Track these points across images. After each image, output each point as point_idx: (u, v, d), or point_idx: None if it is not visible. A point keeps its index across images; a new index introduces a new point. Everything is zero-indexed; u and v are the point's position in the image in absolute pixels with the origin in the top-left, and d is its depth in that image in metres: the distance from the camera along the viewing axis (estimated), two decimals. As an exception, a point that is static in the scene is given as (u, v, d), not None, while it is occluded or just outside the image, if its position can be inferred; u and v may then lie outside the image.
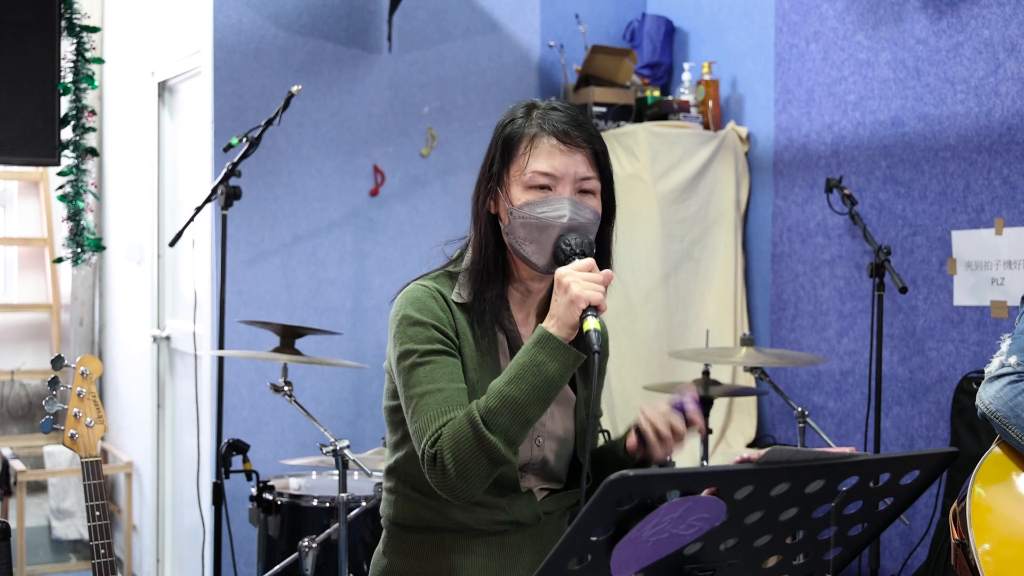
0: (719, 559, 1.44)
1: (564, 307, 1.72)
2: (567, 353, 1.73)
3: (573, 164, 1.82)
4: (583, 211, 1.82)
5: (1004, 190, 3.54)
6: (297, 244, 4.20)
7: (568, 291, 1.71)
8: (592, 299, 1.71)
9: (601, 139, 1.89)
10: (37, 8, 3.24)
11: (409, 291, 1.87)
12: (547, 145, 1.83)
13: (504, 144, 1.87)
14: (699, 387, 3.57)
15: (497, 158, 1.87)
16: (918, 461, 1.53)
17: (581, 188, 1.84)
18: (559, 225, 1.80)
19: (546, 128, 1.83)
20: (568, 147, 1.82)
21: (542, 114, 1.86)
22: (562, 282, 1.73)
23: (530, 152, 1.83)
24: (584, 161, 1.84)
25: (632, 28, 4.83)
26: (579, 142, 1.83)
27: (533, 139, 1.84)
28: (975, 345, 3.63)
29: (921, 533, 3.73)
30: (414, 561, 1.89)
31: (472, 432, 1.71)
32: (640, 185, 4.26)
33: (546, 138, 1.83)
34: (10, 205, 5.80)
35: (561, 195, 1.81)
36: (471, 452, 1.71)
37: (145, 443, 4.95)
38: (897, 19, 3.87)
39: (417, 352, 1.80)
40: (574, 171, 1.82)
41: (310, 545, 2.87)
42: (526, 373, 1.72)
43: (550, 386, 1.73)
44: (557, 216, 1.80)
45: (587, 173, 1.84)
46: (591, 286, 1.72)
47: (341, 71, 4.27)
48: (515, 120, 1.87)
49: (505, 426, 1.71)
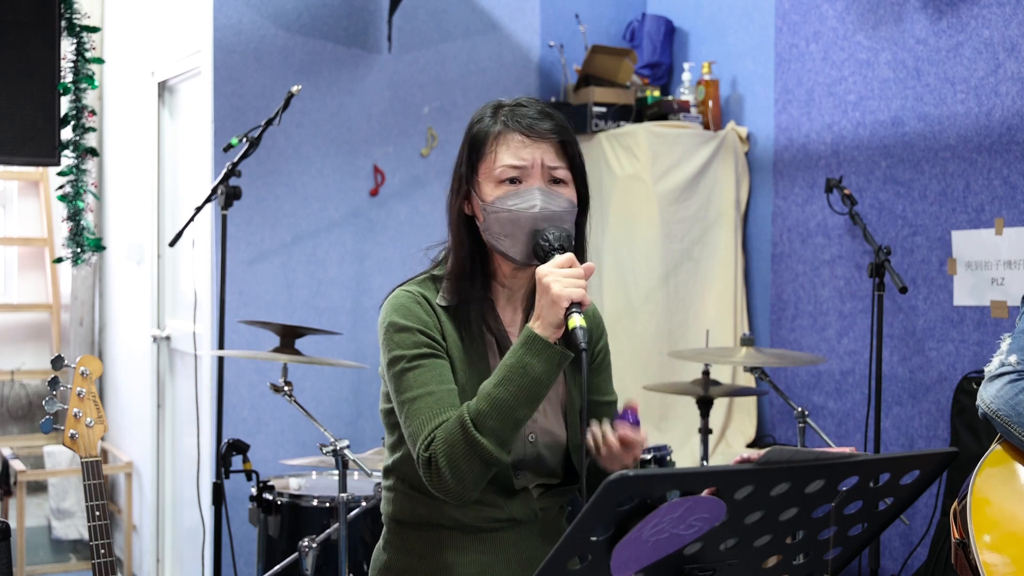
0: (719, 559, 1.44)
1: (547, 307, 1.73)
2: (553, 353, 1.74)
3: (540, 154, 1.84)
4: (555, 200, 1.83)
5: (1004, 190, 3.54)
6: (297, 244, 4.20)
7: (549, 291, 1.72)
8: (574, 296, 1.71)
9: (569, 130, 1.90)
10: (37, 8, 3.24)
11: (393, 297, 1.89)
12: (513, 140, 1.84)
13: (472, 144, 1.89)
14: (699, 387, 3.58)
15: (466, 159, 1.89)
16: (918, 461, 1.53)
17: (551, 177, 1.85)
18: (532, 215, 1.81)
19: (510, 124, 1.85)
20: (533, 139, 1.84)
21: (508, 111, 1.88)
22: (543, 282, 1.74)
23: (496, 149, 1.85)
24: (551, 151, 1.85)
25: (632, 28, 4.83)
26: (545, 133, 1.85)
27: (499, 136, 1.86)
28: (975, 345, 3.63)
29: (921, 533, 3.73)
30: (412, 557, 1.91)
31: (463, 435, 1.73)
32: (640, 185, 4.26)
33: (511, 134, 1.85)
34: (10, 205, 5.80)
35: (531, 186, 1.83)
36: (464, 454, 1.73)
37: (145, 443, 4.95)
38: (897, 19, 3.87)
39: (405, 358, 1.82)
40: (541, 160, 1.84)
41: (310, 545, 2.87)
42: (513, 375, 1.74)
43: (538, 386, 1.74)
44: (528, 207, 1.81)
45: (555, 163, 1.85)
46: (572, 283, 1.72)
47: (341, 71, 4.27)
48: (482, 120, 1.89)
49: (495, 428, 1.73)
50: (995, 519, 2.00)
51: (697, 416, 3.60)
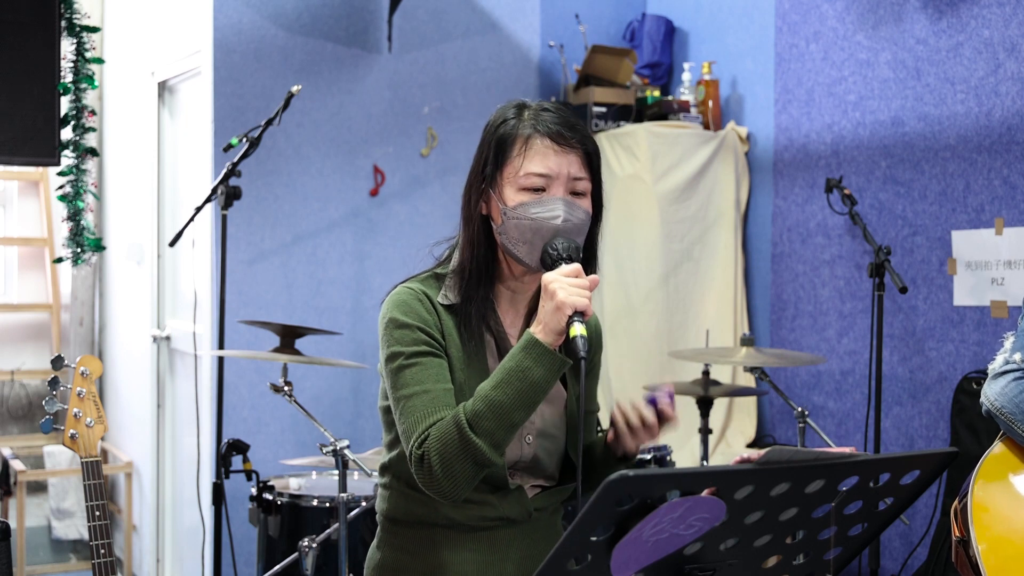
0: (719, 559, 1.44)
1: (550, 313, 1.73)
2: (553, 359, 1.74)
3: (567, 164, 1.83)
4: (576, 211, 1.84)
5: (1004, 190, 3.54)
6: (297, 244, 4.20)
7: (554, 297, 1.72)
8: (578, 305, 1.72)
9: (593, 140, 1.90)
10: (37, 8, 3.24)
11: (395, 294, 1.89)
12: (541, 146, 1.83)
13: (498, 145, 1.87)
14: (699, 387, 3.58)
15: (490, 159, 1.87)
16: (918, 461, 1.53)
17: (573, 189, 1.85)
18: (553, 226, 1.81)
19: (540, 129, 1.84)
20: (562, 148, 1.83)
21: (534, 115, 1.86)
22: (548, 288, 1.74)
23: (524, 153, 1.84)
24: (577, 162, 1.85)
25: (632, 28, 4.83)
26: (572, 143, 1.84)
27: (527, 140, 1.84)
28: (975, 345, 3.63)
29: (921, 533, 3.73)
30: (406, 555, 1.91)
31: (458, 434, 1.74)
32: (640, 185, 4.26)
33: (540, 139, 1.84)
34: (10, 205, 5.80)
35: (555, 195, 1.82)
36: (457, 454, 1.73)
37: (145, 443, 4.95)
38: (897, 19, 3.87)
39: (403, 354, 1.82)
40: (567, 171, 1.83)
41: (310, 545, 2.87)
42: (512, 378, 1.74)
43: (535, 391, 1.74)
44: (551, 217, 1.81)
45: (579, 174, 1.85)
46: (577, 291, 1.73)
47: (341, 71, 4.27)
48: (507, 121, 1.88)
49: (490, 429, 1.73)
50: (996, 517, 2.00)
51: (697, 416, 3.60)
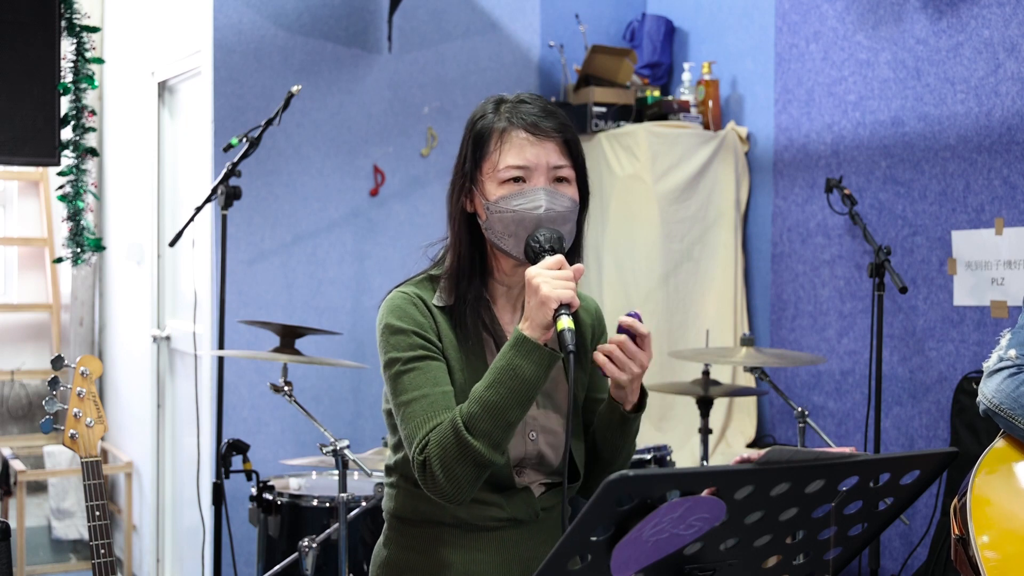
0: (719, 559, 1.44)
1: (536, 308, 1.72)
2: (542, 354, 1.73)
3: (545, 154, 1.83)
4: (559, 200, 1.83)
5: (1004, 190, 3.54)
6: (297, 244, 4.20)
7: (538, 292, 1.71)
8: (563, 298, 1.71)
9: (572, 128, 1.89)
10: (37, 8, 3.24)
11: (390, 299, 1.89)
12: (517, 138, 1.83)
13: (475, 141, 1.87)
14: (699, 387, 3.58)
15: (469, 156, 1.88)
16: (918, 461, 1.53)
17: (556, 176, 1.84)
18: (536, 215, 1.80)
19: (515, 122, 1.84)
20: (538, 138, 1.83)
21: (511, 108, 1.86)
22: (531, 283, 1.73)
23: (501, 147, 1.84)
24: (556, 150, 1.84)
25: (632, 28, 4.83)
26: (549, 132, 1.84)
27: (503, 133, 1.84)
28: (975, 345, 3.63)
29: (921, 533, 3.73)
30: (413, 554, 1.91)
31: (455, 438, 1.73)
32: (640, 185, 4.26)
33: (515, 131, 1.84)
34: (10, 205, 5.80)
35: (536, 186, 1.82)
36: (457, 458, 1.73)
37: (145, 443, 4.95)
38: (897, 19, 3.87)
39: (401, 360, 1.82)
40: (546, 160, 1.83)
41: (310, 545, 2.87)
42: (504, 377, 1.73)
43: (528, 388, 1.74)
44: (534, 207, 1.80)
45: (559, 161, 1.84)
46: (561, 284, 1.72)
47: (341, 71, 4.27)
48: (485, 116, 1.88)
49: (487, 430, 1.73)
50: (995, 515, 2.00)
51: (697, 416, 3.60)
